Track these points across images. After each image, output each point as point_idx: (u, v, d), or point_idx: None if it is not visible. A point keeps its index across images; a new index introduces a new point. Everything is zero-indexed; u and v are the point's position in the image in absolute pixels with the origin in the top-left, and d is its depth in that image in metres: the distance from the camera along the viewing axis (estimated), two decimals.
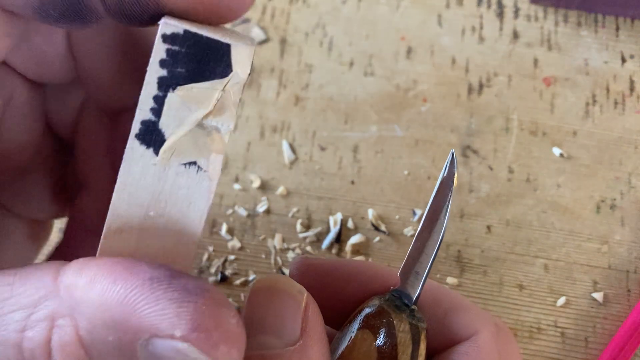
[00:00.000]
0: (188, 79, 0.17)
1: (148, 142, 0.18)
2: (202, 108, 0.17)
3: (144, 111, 0.17)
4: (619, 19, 0.41)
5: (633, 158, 0.38)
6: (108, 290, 0.17)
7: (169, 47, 0.17)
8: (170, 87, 0.17)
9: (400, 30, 0.41)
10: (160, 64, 0.17)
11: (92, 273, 0.17)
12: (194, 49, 0.17)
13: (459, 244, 0.36)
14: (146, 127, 0.17)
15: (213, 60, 0.17)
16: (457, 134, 0.38)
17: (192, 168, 0.18)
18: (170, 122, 0.17)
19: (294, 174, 0.37)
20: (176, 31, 0.17)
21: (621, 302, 0.35)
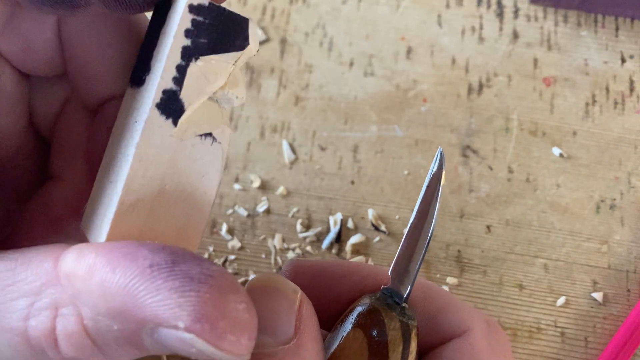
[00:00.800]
0: (210, 49, 0.18)
1: (168, 112, 0.17)
2: (219, 80, 0.18)
3: (166, 80, 0.17)
4: (619, 19, 0.41)
5: (633, 158, 0.38)
6: (107, 280, 0.16)
7: (194, 18, 0.17)
8: (192, 56, 0.17)
9: (400, 30, 0.41)
10: (185, 33, 0.17)
11: (90, 261, 0.17)
12: (217, 20, 0.18)
13: (459, 243, 0.36)
14: (168, 96, 0.17)
15: (234, 33, 0.18)
16: (457, 134, 0.38)
17: (207, 139, 0.18)
18: (191, 92, 0.18)
19: (294, 174, 0.37)
20: (202, 2, 0.17)
21: (621, 302, 0.35)
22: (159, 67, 0.17)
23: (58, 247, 0.17)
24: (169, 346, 0.16)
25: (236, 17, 0.18)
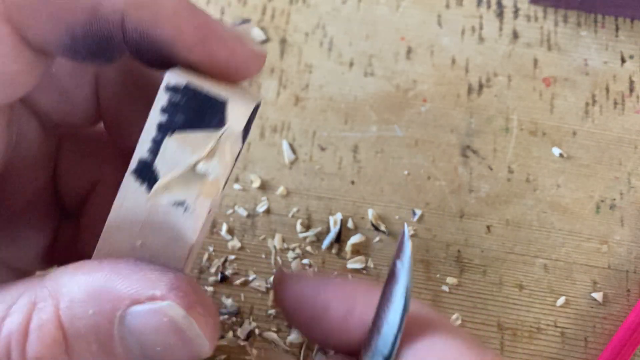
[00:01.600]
0: (185, 126, 0.19)
1: (143, 179, 0.19)
2: (196, 153, 0.19)
3: (142, 151, 0.19)
4: (619, 19, 0.41)
5: (633, 158, 0.38)
6: (94, 269, 0.17)
7: (171, 97, 0.19)
8: (168, 131, 0.19)
9: (400, 30, 0.41)
10: (161, 110, 0.19)
11: (78, 264, 0.18)
12: (192, 101, 0.19)
13: (458, 243, 0.36)
14: (142, 165, 0.19)
15: (209, 113, 0.19)
16: (457, 134, 0.38)
17: (179, 207, 0.20)
18: (165, 163, 0.19)
19: (294, 174, 0.37)
20: (179, 83, 0.19)
21: (621, 302, 0.35)
22: (139, 140, 0.19)
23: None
24: (138, 328, 0.17)
25: (213, 99, 0.19)
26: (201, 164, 0.19)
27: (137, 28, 0.19)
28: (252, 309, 0.34)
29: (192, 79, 0.19)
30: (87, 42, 0.19)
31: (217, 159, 0.19)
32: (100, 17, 0.19)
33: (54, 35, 0.19)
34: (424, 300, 0.35)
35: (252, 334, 0.34)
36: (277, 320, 0.34)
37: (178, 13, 0.19)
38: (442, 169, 0.38)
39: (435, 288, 0.35)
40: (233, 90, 0.20)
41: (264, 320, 0.34)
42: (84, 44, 0.19)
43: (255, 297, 0.35)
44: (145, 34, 0.19)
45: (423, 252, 0.36)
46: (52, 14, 0.18)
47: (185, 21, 0.19)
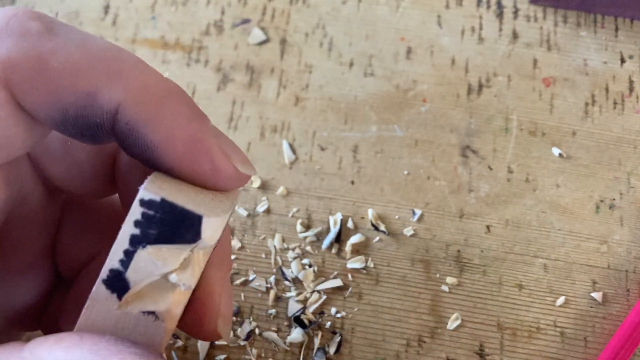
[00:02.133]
0: (158, 240, 0.19)
1: (113, 288, 0.19)
2: (168, 265, 0.19)
3: (113, 261, 0.19)
4: (618, 19, 0.41)
5: (632, 158, 0.38)
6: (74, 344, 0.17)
7: (145, 211, 0.18)
8: (140, 244, 0.18)
9: (400, 30, 0.41)
10: (134, 223, 0.18)
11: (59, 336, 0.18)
12: (167, 215, 0.18)
13: (458, 243, 0.36)
14: (113, 275, 0.19)
15: (183, 227, 0.19)
16: (457, 134, 0.38)
17: (150, 316, 0.19)
18: (136, 274, 0.19)
19: (294, 174, 0.37)
20: (154, 198, 0.18)
21: (620, 301, 0.35)
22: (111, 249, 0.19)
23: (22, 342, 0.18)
24: None
25: (188, 214, 0.18)
26: (173, 275, 0.19)
27: (128, 124, 0.19)
28: (252, 308, 0.34)
29: (167, 193, 0.19)
30: (77, 123, 0.19)
31: (189, 270, 0.19)
32: (95, 105, 0.18)
33: (46, 110, 0.19)
34: (424, 300, 0.35)
35: (252, 333, 0.34)
36: (277, 320, 0.34)
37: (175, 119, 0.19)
38: (441, 169, 0.38)
39: (435, 288, 0.35)
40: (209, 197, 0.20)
41: (264, 320, 0.34)
42: (74, 124, 0.19)
43: (255, 296, 0.35)
44: (134, 131, 0.19)
45: (423, 252, 0.36)
46: (50, 90, 0.18)
47: (180, 129, 0.19)
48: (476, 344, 0.34)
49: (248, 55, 0.40)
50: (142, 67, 0.19)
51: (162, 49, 0.41)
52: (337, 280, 0.35)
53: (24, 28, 0.18)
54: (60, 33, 0.19)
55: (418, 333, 0.34)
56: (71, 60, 0.18)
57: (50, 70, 0.18)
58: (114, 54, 0.19)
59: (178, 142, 0.19)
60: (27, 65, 0.18)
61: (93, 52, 0.19)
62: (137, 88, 0.19)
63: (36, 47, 0.18)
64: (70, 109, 0.18)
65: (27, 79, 0.18)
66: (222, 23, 0.41)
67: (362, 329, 0.34)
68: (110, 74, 0.18)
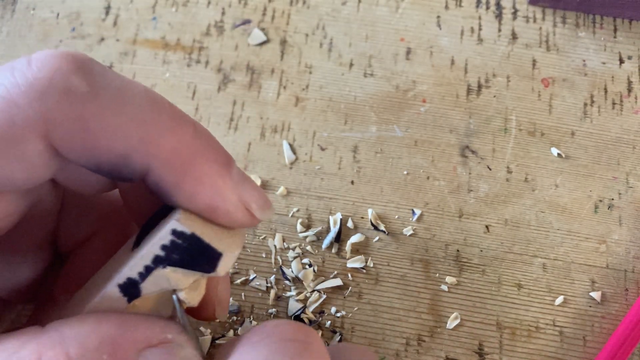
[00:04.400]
0: (178, 264, 0.20)
1: (125, 292, 0.20)
2: (180, 285, 0.21)
3: (133, 272, 0.20)
4: (617, 20, 0.41)
5: (631, 158, 0.38)
6: (103, 319, 0.18)
7: (174, 240, 0.20)
8: (161, 264, 0.20)
9: (400, 31, 0.41)
10: (161, 247, 0.20)
11: (81, 316, 0.19)
12: (192, 247, 0.20)
13: (457, 243, 0.36)
14: (129, 282, 0.20)
15: (204, 259, 0.20)
16: (456, 134, 0.39)
17: None
18: (150, 286, 0.20)
19: (294, 174, 0.38)
20: (185, 231, 0.20)
21: (619, 301, 0.35)
22: (133, 260, 0.20)
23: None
24: None
25: (211, 250, 0.20)
26: (182, 293, 0.21)
27: (157, 184, 0.20)
28: (252, 308, 0.35)
29: (196, 228, 0.20)
30: (109, 174, 0.20)
31: (197, 291, 0.21)
32: (127, 165, 0.20)
33: (81, 162, 0.20)
34: (423, 299, 0.35)
35: None
36: (278, 319, 0.34)
37: (202, 179, 0.20)
38: (441, 169, 0.38)
39: (435, 287, 0.35)
40: (227, 234, 0.22)
41: (264, 319, 0.34)
42: (106, 174, 0.20)
43: (256, 296, 0.35)
44: (162, 190, 0.20)
45: (422, 251, 0.36)
46: (86, 148, 0.19)
47: (204, 193, 0.20)
48: (475, 343, 0.34)
49: (248, 55, 0.41)
50: (176, 126, 0.20)
51: (163, 49, 0.41)
52: (337, 279, 0.35)
53: (68, 86, 0.19)
54: (100, 92, 0.19)
55: (417, 332, 0.34)
56: (109, 123, 0.19)
57: (89, 131, 0.19)
58: (152, 114, 0.20)
59: (201, 203, 0.21)
60: (67, 124, 0.19)
61: (131, 112, 0.20)
62: (167, 152, 0.20)
63: (77, 108, 0.19)
64: (104, 165, 0.20)
65: (67, 136, 0.19)
66: (223, 24, 0.41)
67: (361, 328, 0.34)
68: (143, 138, 0.20)
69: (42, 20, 0.41)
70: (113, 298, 0.20)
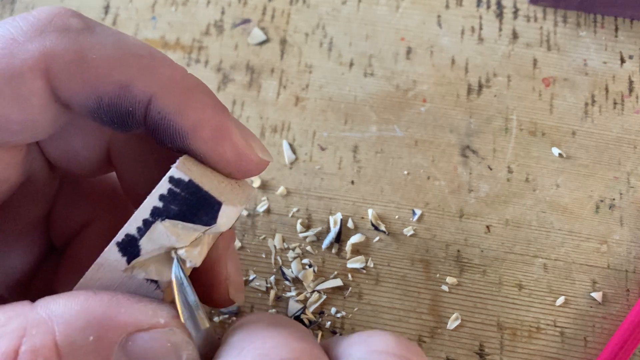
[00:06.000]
0: (177, 216, 0.20)
1: (124, 252, 0.20)
2: (180, 242, 0.20)
3: (131, 227, 0.20)
4: (618, 19, 0.41)
5: (632, 158, 0.38)
6: (92, 298, 0.18)
7: (171, 188, 0.20)
8: (160, 217, 0.20)
9: (400, 30, 0.41)
10: (159, 197, 0.20)
11: (71, 293, 0.18)
12: (191, 196, 0.20)
13: (458, 243, 0.36)
14: (128, 239, 0.20)
15: (203, 210, 0.20)
16: (457, 134, 0.38)
17: (152, 284, 0.21)
18: (149, 243, 0.20)
19: (294, 174, 0.37)
20: (182, 177, 0.20)
21: (620, 301, 0.35)
22: (132, 216, 0.20)
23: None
24: (141, 353, 0.18)
25: (210, 199, 0.20)
26: (182, 251, 0.20)
27: (160, 112, 0.20)
28: (252, 308, 0.34)
29: (195, 176, 0.20)
30: (110, 111, 0.20)
31: (198, 249, 0.20)
32: (129, 94, 0.20)
33: (82, 98, 0.20)
34: (424, 300, 0.35)
35: None
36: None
37: (203, 109, 0.20)
38: (441, 169, 0.38)
39: (435, 288, 0.35)
40: (229, 187, 0.21)
41: None
42: (107, 112, 0.20)
43: (256, 296, 0.35)
44: (166, 119, 0.20)
45: (423, 252, 0.36)
46: (86, 80, 0.20)
47: (208, 118, 0.20)
48: (476, 343, 0.34)
49: (248, 55, 0.40)
50: (170, 62, 0.21)
51: (163, 49, 0.41)
52: (337, 280, 0.35)
53: (66, 24, 0.20)
54: (98, 31, 0.20)
55: (418, 333, 0.34)
56: (107, 54, 0.20)
57: (88, 62, 0.20)
58: (146, 50, 0.21)
59: (206, 129, 0.20)
60: (67, 57, 0.19)
61: (127, 47, 0.20)
62: (167, 80, 0.20)
63: (77, 41, 0.20)
64: (105, 97, 0.20)
65: (66, 70, 0.19)
66: (222, 23, 0.41)
67: (362, 328, 0.34)
68: (143, 67, 0.20)
69: None
70: (111, 261, 0.20)
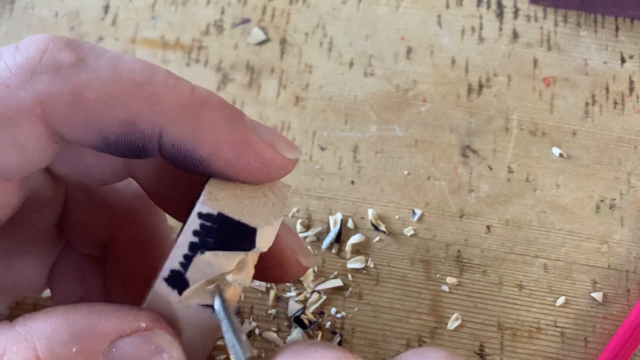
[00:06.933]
0: (216, 246, 0.20)
1: (174, 285, 0.20)
2: (225, 268, 0.20)
3: (174, 263, 0.20)
4: (619, 19, 0.41)
5: (632, 158, 0.38)
6: (71, 311, 0.18)
7: (203, 223, 0.19)
8: (199, 250, 0.20)
9: (400, 30, 0.41)
10: (193, 233, 0.20)
11: (49, 309, 0.18)
12: (224, 227, 0.20)
13: (458, 243, 0.36)
14: (174, 275, 0.20)
15: (240, 237, 0.20)
16: (457, 134, 0.38)
17: (208, 309, 0.21)
18: (196, 274, 0.20)
19: (294, 174, 0.37)
20: (211, 212, 0.19)
21: (620, 302, 0.35)
22: (172, 251, 0.20)
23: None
24: (125, 358, 0.18)
25: (244, 227, 0.20)
26: (230, 275, 0.20)
27: (174, 144, 0.19)
28: (252, 308, 0.34)
29: (224, 206, 0.20)
30: (119, 148, 0.19)
31: (245, 271, 0.21)
32: (136, 130, 0.19)
33: (86, 139, 0.19)
34: (424, 300, 0.35)
35: (252, 333, 0.34)
36: (277, 320, 0.34)
37: (217, 129, 0.19)
38: (442, 169, 0.38)
39: (435, 288, 0.35)
40: (263, 200, 0.21)
41: (264, 320, 0.34)
42: (116, 149, 0.19)
43: (255, 297, 0.35)
44: (182, 150, 0.19)
45: (423, 252, 0.36)
46: (87, 122, 0.19)
47: (224, 137, 0.19)
48: (476, 344, 0.34)
49: (248, 55, 0.40)
50: (173, 83, 0.20)
51: (162, 49, 0.41)
52: (337, 280, 0.35)
53: (57, 61, 0.18)
54: (91, 62, 0.19)
55: (418, 333, 0.34)
56: (106, 89, 0.19)
57: (87, 102, 0.18)
58: (145, 74, 0.19)
59: (225, 149, 0.20)
60: (63, 99, 0.18)
61: (125, 76, 0.19)
62: (174, 107, 0.19)
63: (71, 80, 0.18)
64: (111, 136, 0.19)
65: (64, 113, 0.18)
66: (222, 23, 0.41)
67: (362, 329, 0.34)
68: (146, 98, 0.19)
69: (41, 19, 0.41)
70: (164, 294, 0.20)
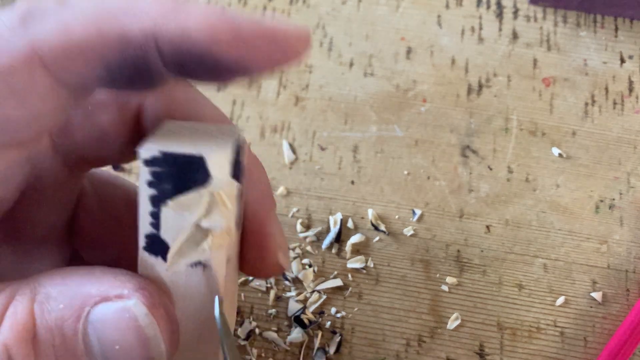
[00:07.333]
0: (175, 192, 0.19)
1: (155, 252, 0.19)
2: (194, 213, 0.19)
3: (144, 227, 0.19)
4: (618, 19, 0.41)
5: (632, 158, 0.38)
6: (72, 272, 0.19)
7: (152, 169, 0.19)
8: (161, 202, 0.19)
9: (400, 30, 0.41)
10: (148, 184, 0.19)
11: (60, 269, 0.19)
12: (173, 167, 0.19)
13: (458, 243, 0.36)
14: (150, 239, 0.19)
15: (191, 172, 0.19)
16: (457, 134, 0.38)
17: (198, 267, 0.20)
18: (170, 232, 0.19)
19: (294, 174, 0.37)
20: (154, 154, 0.19)
21: (620, 301, 0.35)
22: (139, 217, 0.19)
23: None
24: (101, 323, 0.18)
25: (190, 158, 0.19)
26: (204, 221, 0.19)
27: (171, 42, 0.18)
28: (252, 308, 0.34)
29: (164, 144, 0.19)
30: (123, 70, 0.19)
31: (217, 211, 0.19)
32: (131, 43, 0.18)
33: (89, 72, 0.19)
34: (424, 300, 0.35)
35: (252, 333, 0.34)
36: (278, 320, 0.34)
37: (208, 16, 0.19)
38: (441, 169, 0.38)
39: (435, 288, 0.35)
40: (212, 136, 0.20)
41: (264, 319, 0.34)
42: (121, 72, 0.19)
43: (255, 296, 0.35)
44: (180, 45, 0.18)
45: (423, 252, 0.36)
46: (83, 52, 0.18)
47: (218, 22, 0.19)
48: (476, 343, 0.34)
49: None
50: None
51: None
52: (337, 280, 0.35)
53: (43, 7, 0.19)
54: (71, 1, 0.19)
55: (418, 333, 0.34)
56: (91, 17, 0.18)
57: (77, 35, 0.18)
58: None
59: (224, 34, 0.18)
60: (55, 39, 0.18)
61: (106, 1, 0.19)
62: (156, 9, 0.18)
63: (57, 21, 0.18)
64: (110, 59, 0.18)
65: (59, 53, 0.18)
66: None
67: (362, 328, 0.34)
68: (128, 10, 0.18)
69: None
70: (150, 266, 0.20)
